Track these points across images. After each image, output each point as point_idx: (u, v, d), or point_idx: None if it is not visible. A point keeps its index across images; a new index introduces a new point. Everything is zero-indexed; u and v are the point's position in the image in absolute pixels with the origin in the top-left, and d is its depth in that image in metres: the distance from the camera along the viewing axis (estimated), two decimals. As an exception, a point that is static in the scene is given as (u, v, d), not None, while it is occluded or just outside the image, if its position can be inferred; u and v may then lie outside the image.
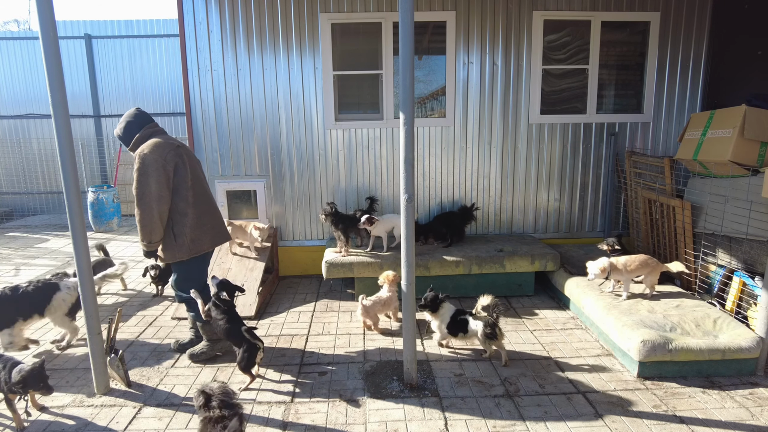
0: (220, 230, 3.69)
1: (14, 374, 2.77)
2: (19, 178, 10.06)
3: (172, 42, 9.90)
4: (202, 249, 3.51)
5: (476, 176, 5.57)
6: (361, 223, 4.67)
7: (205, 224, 3.51)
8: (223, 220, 3.77)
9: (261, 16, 5.18)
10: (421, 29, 5.30)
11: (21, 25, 23.08)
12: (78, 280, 3.08)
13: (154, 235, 3.32)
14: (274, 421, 2.90)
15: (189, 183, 3.40)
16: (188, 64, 5.22)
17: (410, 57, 2.83)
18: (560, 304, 4.72)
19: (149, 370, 3.52)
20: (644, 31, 5.42)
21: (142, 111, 3.56)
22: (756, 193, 3.70)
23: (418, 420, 2.89)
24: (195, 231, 3.44)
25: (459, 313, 3.62)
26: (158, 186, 3.25)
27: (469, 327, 3.55)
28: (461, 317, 3.60)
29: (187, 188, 3.39)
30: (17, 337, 3.60)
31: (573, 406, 3.01)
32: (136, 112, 3.53)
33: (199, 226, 3.46)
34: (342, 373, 3.45)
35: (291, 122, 5.39)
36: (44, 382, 2.81)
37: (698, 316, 3.57)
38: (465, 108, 5.42)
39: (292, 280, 5.55)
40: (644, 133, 5.56)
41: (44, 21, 2.76)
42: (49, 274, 5.50)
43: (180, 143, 3.50)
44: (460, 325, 3.59)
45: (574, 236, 5.73)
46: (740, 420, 2.86)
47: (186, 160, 3.42)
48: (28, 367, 2.77)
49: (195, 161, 3.57)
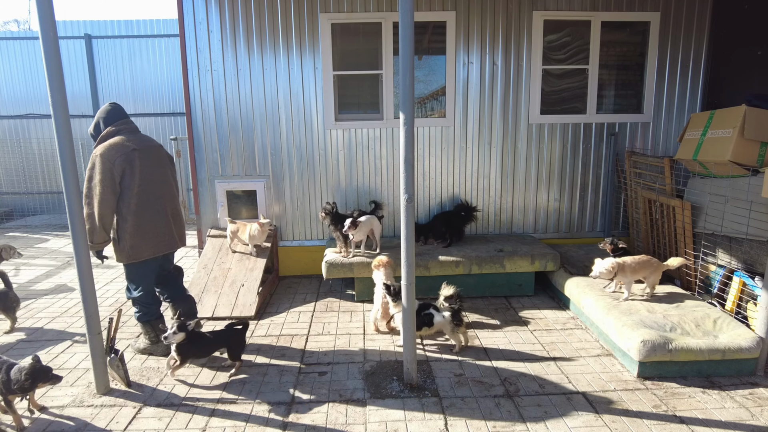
0: (164, 239, 3.57)
1: (15, 373, 2.77)
2: (19, 178, 10.06)
3: (172, 42, 9.89)
4: (141, 256, 3.48)
5: (476, 176, 5.57)
6: (346, 228, 4.55)
7: (146, 232, 3.46)
8: (173, 228, 3.64)
9: (261, 16, 5.18)
10: (421, 29, 5.30)
11: (21, 25, 23.07)
12: (78, 281, 3.08)
13: (94, 235, 3.31)
14: (274, 421, 2.90)
15: (135, 190, 3.38)
16: (188, 64, 5.22)
17: (410, 57, 2.83)
18: (560, 304, 4.72)
19: (149, 370, 3.52)
20: (644, 31, 5.42)
21: (115, 107, 3.54)
22: (756, 193, 3.70)
23: (418, 420, 2.89)
24: (134, 238, 3.42)
25: (423, 308, 3.69)
26: (102, 188, 3.26)
27: (434, 320, 3.63)
28: (426, 312, 3.67)
29: (131, 195, 3.37)
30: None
31: (573, 406, 3.01)
32: (109, 108, 3.52)
33: (138, 234, 3.43)
34: (342, 373, 3.45)
35: (291, 122, 5.39)
36: (50, 372, 2.85)
37: (698, 316, 3.57)
38: (465, 108, 5.42)
39: (292, 280, 5.55)
40: (644, 133, 5.56)
41: (44, 21, 2.76)
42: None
43: (139, 146, 3.44)
44: (425, 319, 3.67)
45: (574, 236, 5.74)
46: (740, 420, 2.86)
47: (137, 165, 3.38)
48: (28, 364, 2.78)
49: (152, 165, 3.50)
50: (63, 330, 4.22)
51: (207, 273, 4.91)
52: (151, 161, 3.51)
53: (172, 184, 3.73)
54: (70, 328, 4.27)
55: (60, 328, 4.27)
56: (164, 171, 3.62)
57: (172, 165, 3.80)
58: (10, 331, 4.18)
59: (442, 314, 3.64)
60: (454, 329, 3.65)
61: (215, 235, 5.40)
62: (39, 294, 5.16)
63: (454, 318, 3.62)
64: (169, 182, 3.66)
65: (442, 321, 3.63)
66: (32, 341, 4.00)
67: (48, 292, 5.21)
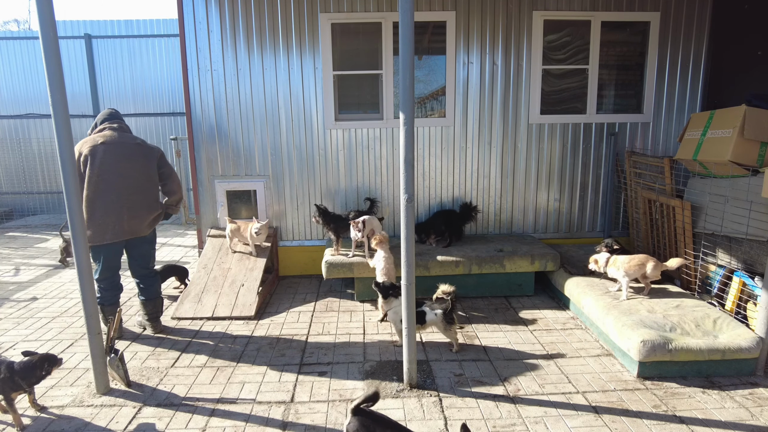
0: (108, 229, 3.74)
1: (17, 366, 2.83)
2: (19, 178, 10.06)
3: (172, 42, 9.89)
4: (92, 241, 3.70)
5: (476, 176, 5.57)
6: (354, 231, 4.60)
7: (94, 220, 3.71)
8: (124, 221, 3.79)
9: (261, 16, 5.18)
10: (421, 29, 5.30)
11: (21, 25, 23.08)
12: (78, 281, 3.08)
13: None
14: (274, 421, 2.90)
15: (93, 179, 3.68)
16: (188, 64, 5.22)
17: (410, 57, 2.83)
18: (560, 304, 4.72)
19: (149, 370, 3.52)
20: (644, 31, 5.42)
21: (110, 111, 3.96)
22: (756, 193, 3.70)
23: (418, 420, 2.89)
24: (87, 223, 3.67)
25: (416, 305, 3.66)
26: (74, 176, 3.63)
27: (426, 318, 3.64)
28: (418, 309, 3.65)
29: (89, 184, 3.68)
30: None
31: (573, 406, 3.01)
32: (105, 111, 3.96)
33: (89, 220, 3.69)
34: (342, 373, 3.45)
35: (291, 122, 5.39)
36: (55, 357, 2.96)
37: (698, 316, 3.57)
38: (465, 108, 5.42)
39: (292, 280, 5.55)
40: (644, 133, 5.56)
41: (44, 21, 2.76)
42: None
43: (109, 141, 3.75)
44: (418, 317, 3.64)
45: (574, 236, 5.74)
46: (740, 420, 2.86)
47: (99, 158, 3.69)
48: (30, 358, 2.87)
49: (116, 159, 3.74)
50: (63, 330, 4.23)
51: (207, 273, 4.91)
52: (116, 155, 3.75)
53: (139, 178, 3.86)
54: (70, 328, 4.27)
55: (60, 327, 4.27)
56: (131, 166, 3.82)
57: (149, 161, 3.93)
58: None
59: (434, 312, 3.66)
60: (446, 327, 3.68)
61: (215, 235, 5.40)
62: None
63: (446, 316, 3.65)
64: (133, 176, 3.82)
65: (434, 319, 3.66)
66: (32, 341, 4.00)
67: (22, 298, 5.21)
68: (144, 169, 3.89)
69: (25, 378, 2.85)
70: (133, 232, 3.85)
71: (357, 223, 4.58)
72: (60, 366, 3.01)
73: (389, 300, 3.74)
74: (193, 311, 4.46)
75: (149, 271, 4.09)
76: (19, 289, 5.32)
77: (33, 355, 2.90)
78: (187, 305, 4.53)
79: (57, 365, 2.97)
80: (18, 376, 2.82)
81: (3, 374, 2.79)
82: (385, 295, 3.76)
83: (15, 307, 4.79)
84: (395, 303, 3.68)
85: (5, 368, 2.81)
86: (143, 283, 4.04)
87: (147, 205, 3.90)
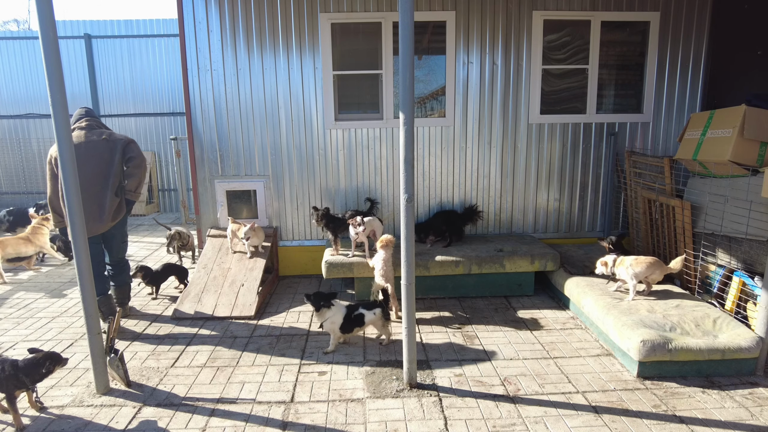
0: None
1: (21, 363, 2.84)
2: (19, 178, 10.07)
3: (172, 42, 9.89)
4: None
5: (476, 176, 5.57)
6: (354, 232, 4.61)
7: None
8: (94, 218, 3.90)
9: (261, 16, 5.18)
10: (421, 29, 5.30)
11: (21, 25, 23.09)
12: (78, 281, 3.08)
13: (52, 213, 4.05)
14: (274, 421, 2.90)
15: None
16: (188, 64, 5.22)
17: (410, 57, 2.83)
18: (560, 304, 4.72)
19: (149, 370, 3.52)
20: (644, 31, 5.42)
21: (79, 111, 4.11)
22: (756, 193, 3.70)
23: (418, 420, 2.89)
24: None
25: (352, 309, 3.75)
26: (47, 177, 3.98)
27: (365, 319, 3.72)
28: (356, 313, 3.73)
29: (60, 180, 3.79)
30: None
31: (573, 406, 3.01)
32: (77, 111, 4.11)
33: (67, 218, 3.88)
34: (342, 373, 3.45)
35: (291, 122, 5.39)
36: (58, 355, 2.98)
37: (698, 316, 3.57)
38: (465, 108, 5.42)
39: (292, 280, 5.55)
40: (644, 133, 5.56)
41: (44, 21, 2.76)
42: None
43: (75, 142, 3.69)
44: (357, 320, 3.73)
45: (573, 236, 5.74)
46: (740, 420, 2.86)
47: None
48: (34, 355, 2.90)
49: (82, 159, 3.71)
50: (63, 330, 4.23)
51: (207, 273, 4.91)
52: (83, 157, 3.77)
53: (104, 173, 3.97)
54: (70, 328, 4.27)
55: (60, 327, 4.27)
56: (96, 163, 3.94)
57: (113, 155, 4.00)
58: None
59: (372, 312, 3.73)
60: (384, 324, 3.80)
61: (215, 235, 5.40)
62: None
63: (383, 313, 3.76)
64: (100, 173, 3.95)
65: (373, 318, 3.74)
66: (32, 341, 4.00)
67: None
68: (108, 164, 4.00)
69: (29, 375, 2.86)
70: (93, 230, 3.93)
71: (355, 220, 4.58)
72: (65, 365, 3.03)
73: (322, 312, 3.70)
74: (193, 311, 4.47)
75: (119, 260, 4.31)
76: (19, 289, 5.32)
77: (38, 352, 2.92)
78: (187, 305, 4.53)
79: (62, 364, 2.99)
80: (22, 373, 2.84)
81: (7, 371, 2.81)
82: (317, 308, 3.71)
83: (15, 307, 4.79)
84: (329, 314, 3.69)
85: (9, 365, 2.83)
86: (114, 270, 4.29)
87: (111, 197, 4.03)
